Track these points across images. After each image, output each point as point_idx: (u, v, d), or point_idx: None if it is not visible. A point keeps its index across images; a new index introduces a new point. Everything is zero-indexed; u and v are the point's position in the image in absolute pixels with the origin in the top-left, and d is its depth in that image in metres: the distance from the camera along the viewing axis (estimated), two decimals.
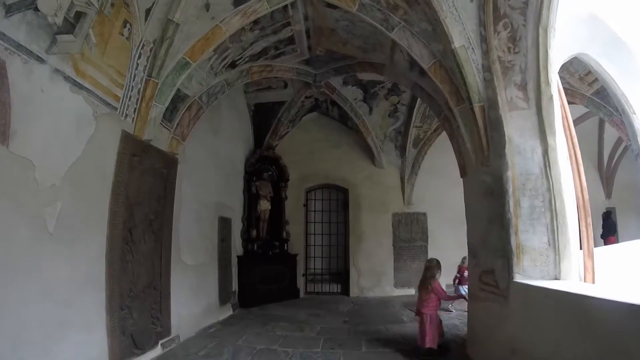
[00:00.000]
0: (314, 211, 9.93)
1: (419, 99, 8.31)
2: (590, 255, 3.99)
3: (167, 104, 4.79)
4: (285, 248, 9.04)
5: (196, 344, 5.26)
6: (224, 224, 7.28)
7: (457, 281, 7.29)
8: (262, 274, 8.21)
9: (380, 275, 9.22)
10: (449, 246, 9.16)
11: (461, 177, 4.85)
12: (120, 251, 4.16)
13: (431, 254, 9.29)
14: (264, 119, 9.11)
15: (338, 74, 7.31)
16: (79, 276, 3.50)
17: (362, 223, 9.49)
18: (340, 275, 9.61)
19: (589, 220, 4.15)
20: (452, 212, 9.29)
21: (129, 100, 4.19)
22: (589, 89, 7.53)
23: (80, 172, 3.50)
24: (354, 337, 5.50)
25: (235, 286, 7.72)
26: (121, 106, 4.12)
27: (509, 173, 3.81)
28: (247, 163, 8.66)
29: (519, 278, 3.60)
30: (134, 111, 4.32)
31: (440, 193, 9.57)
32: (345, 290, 9.31)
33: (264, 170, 9.06)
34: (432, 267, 4.69)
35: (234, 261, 7.77)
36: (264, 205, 8.82)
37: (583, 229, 4.09)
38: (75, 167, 3.44)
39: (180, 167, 5.60)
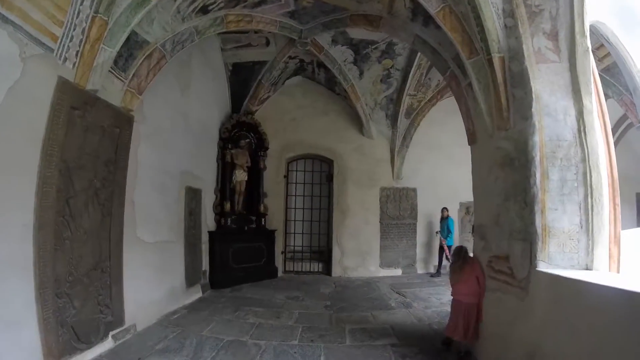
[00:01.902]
0: (295, 183, 9.11)
1: (414, 64, 7.52)
2: (617, 242, 3.33)
3: (118, 48, 3.92)
4: (263, 223, 8.28)
5: (155, 334, 4.56)
6: (193, 195, 6.43)
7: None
8: (236, 251, 7.47)
9: (365, 255, 8.59)
10: (439, 226, 8.65)
11: (469, 144, 4.10)
12: (53, 227, 3.44)
13: (420, 233, 8.73)
14: (242, 80, 8.13)
15: (327, 29, 6.41)
16: None
17: (347, 197, 8.76)
18: (322, 254, 8.93)
19: (618, 200, 3.47)
20: (444, 190, 8.78)
21: (70, 41, 3.38)
22: (599, 64, 6.81)
23: None
24: (336, 326, 4.85)
25: (205, 265, 6.95)
26: (59, 47, 3.33)
27: (536, 138, 3.08)
28: (222, 128, 7.73)
29: (543, 267, 2.93)
30: (76, 55, 3.50)
31: (432, 168, 8.97)
32: (327, 270, 8.67)
33: (241, 137, 8.14)
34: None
35: (205, 237, 6.97)
36: (240, 176, 7.97)
37: (611, 209, 3.42)
38: None
39: (138, 127, 4.81)
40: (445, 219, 8.28)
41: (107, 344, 4.01)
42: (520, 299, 3.09)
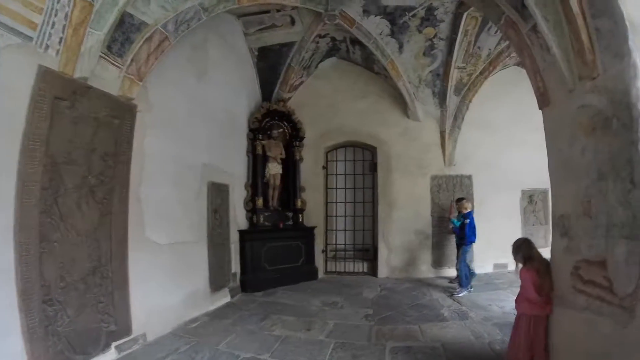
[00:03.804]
0: (336, 175, 8.31)
1: (460, 31, 6.40)
2: None
3: (107, 31, 3.49)
4: (300, 220, 7.58)
5: (166, 345, 4.05)
6: (218, 191, 5.89)
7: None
8: (270, 251, 6.87)
9: (416, 252, 7.57)
10: (499, 218, 7.41)
11: (540, 107, 3.02)
12: (38, 229, 3.05)
13: (478, 227, 7.48)
14: (270, 65, 7.50)
15: None
16: None
17: (393, 188, 7.79)
18: (368, 252, 8.05)
19: None
20: (503, 176, 7.56)
21: (52, 27, 3.05)
22: None
23: None
24: (375, 343, 4.01)
25: (236, 267, 6.41)
26: (39, 35, 2.99)
27: None
28: (251, 118, 7.14)
29: None
30: (60, 42, 3.14)
31: (489, 151, 7.73)
32: (373, 270, 7.78)
33: (273, 127, 7.52)
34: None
35: (234, 237, 6.42)
36: (274, 169, 7.35)
37: None
38: None
39: (143, 116, 4.34)
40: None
41: (110, 356, 3.61)
42: (620, 325, 2.08)
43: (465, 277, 5.91)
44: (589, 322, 2.33)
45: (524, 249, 2.96)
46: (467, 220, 6.20)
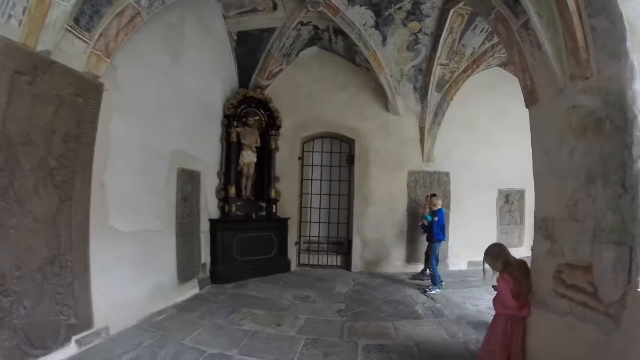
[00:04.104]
0: (312, 166, 8.13)
1: (445, 27, 6.34)
2: None
3: (74, 1, 3.20)
4: (274, 210, 7.39)
5: (129, 339, 3.82)
6: (188, 178, 5.62)
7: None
8: (242, 242, 6.66)
9: (391, 248, 7.55)
10: (475, 216, 7.49)
11: (527, 106, 2.96)
12: None
13: (453, 224, 7.58)
14: (249, 51, 7.20)
15: None
16: None
17: (370, 182, 7.71)
18: (342, 245, 7.96)
19: None
20: (481, 174, 7.64)
21: None
22: None
23: None
24: (348, 340, 3.91)
25: (206, 258, 6.17)
26: (2, 4, 2.71)
27: (638, 85, 1.98)
28: (226, 104, 6.85)
29: None
30: (24, 11, 2.85)
31: (468, 149, 7.77)
32: (347, 264, 7.70)
33: (249, 114, 7.25)
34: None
35: (205, 226, 6.18)
36: (248, 157, 7.11)
37: None
38: None
39: (110, 96, 4.04)
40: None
41: (70, 350, 3.37)
42: (605, 332, 2.04)
43: (436, 274, 5.93)
44: (570, 327, 2.28)
45: (502, 257, 2.88)
46: (436, 218, 6.21)
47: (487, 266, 2.97)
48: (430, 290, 5.77)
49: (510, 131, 7.22)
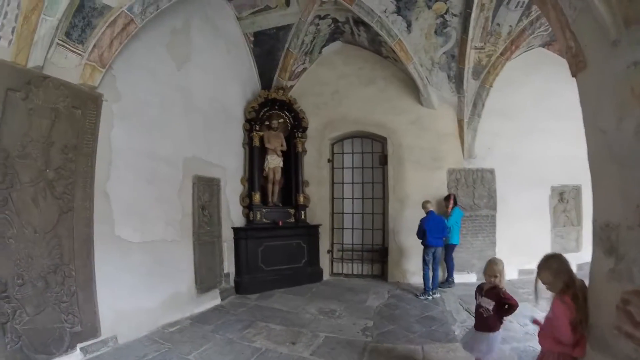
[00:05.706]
0: (343, 168, 7.65)
1: (475, 4, 5.57)
2: None
3: (60, 16, 3.26)
4: (303, 217, 7.01)
5: (136, 350, 3.70)
6: (206, 186, 5.40)
7: None
8: (268, 251, 6.35)
9: None
10: (524, 217, 6.62)
11: (574, 74, 2.25)
12: None
13: (501, 228, 6.74)
14: (267, 51, 6.95)
15: None
16: None
17: (406, 183, 7.06)
18: (378, 253, 7.37)
19: None
20: (530, 170, 6.71)
21: (4, 17, 2.89)
22: None
23: None
24: None
25: (229, 267, 5.91)
26: None
27: None
28: (247, 108, 6.59)
29: None
30: (12, 31, 2.98)
31: (513, 142, 6.87)
32: (383, 273, 7.12)
33: (272, 117, 6.96)
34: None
35: (227, 235, 5.92)
36: (274, 162, 6.80)
37: None
38: None
39: (110, 106, 4.00)
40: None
41: (74, 357, 3.39)
42: None
43: (425, 279, 5.83)
44: None
45: (564, 274, 2.14)
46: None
47: (540, 284, 2.27)
48: (420, 296, 5.68)
49: (559, 117, 6.31)
